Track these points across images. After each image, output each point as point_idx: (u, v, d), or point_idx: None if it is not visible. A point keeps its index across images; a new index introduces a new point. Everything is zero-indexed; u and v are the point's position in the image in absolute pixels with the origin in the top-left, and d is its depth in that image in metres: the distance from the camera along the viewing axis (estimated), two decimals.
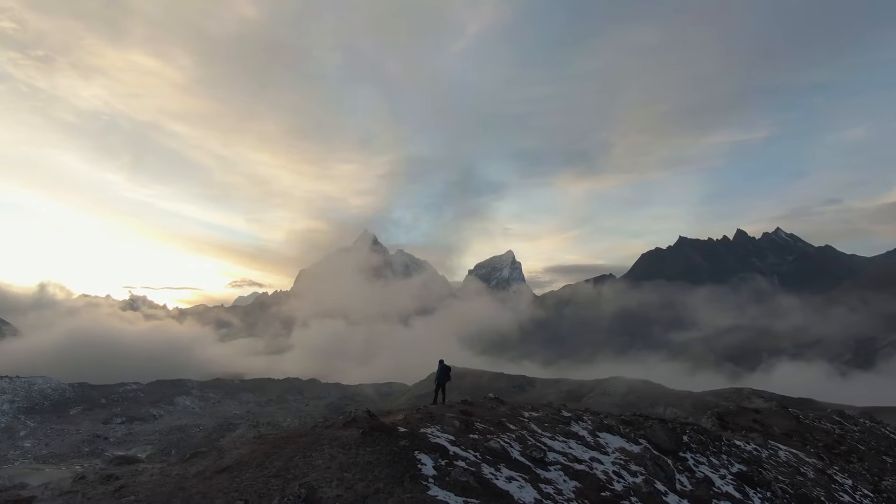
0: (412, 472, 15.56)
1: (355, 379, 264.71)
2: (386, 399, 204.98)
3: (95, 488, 14.93)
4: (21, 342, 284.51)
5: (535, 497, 16.51)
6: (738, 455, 29.71)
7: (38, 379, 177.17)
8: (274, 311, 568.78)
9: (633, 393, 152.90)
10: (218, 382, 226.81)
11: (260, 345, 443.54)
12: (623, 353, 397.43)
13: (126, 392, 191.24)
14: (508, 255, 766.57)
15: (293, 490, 13.48)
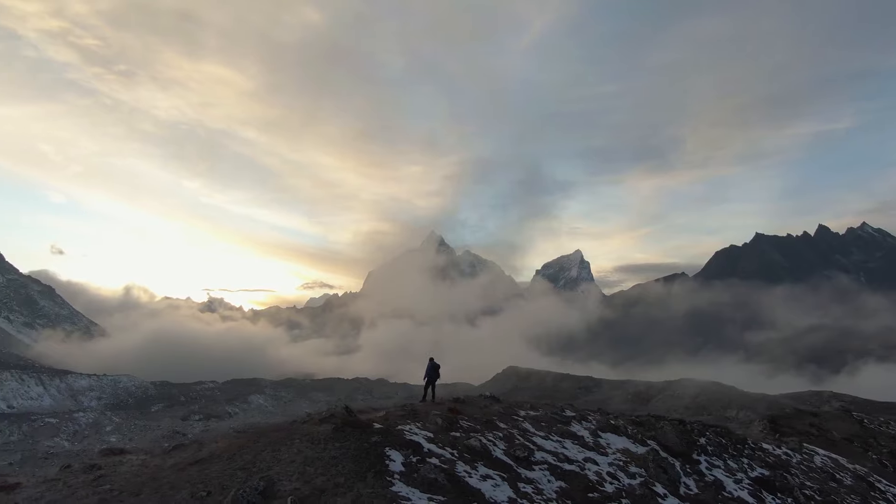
0: (378, 467, 15.62)
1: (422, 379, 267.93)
2: None
3: (77, 477, 15.83)
4: (108, 342, 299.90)
5: (510, 496, 16.35)
6: (762, 459, 28.71)
7: (123, 377, 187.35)
8: (343, 312, 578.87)
9: (703, 395, 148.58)
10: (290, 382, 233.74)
11: (329, 345, 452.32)
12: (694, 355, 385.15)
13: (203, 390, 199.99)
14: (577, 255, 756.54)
15: (253, 482, 14.02)
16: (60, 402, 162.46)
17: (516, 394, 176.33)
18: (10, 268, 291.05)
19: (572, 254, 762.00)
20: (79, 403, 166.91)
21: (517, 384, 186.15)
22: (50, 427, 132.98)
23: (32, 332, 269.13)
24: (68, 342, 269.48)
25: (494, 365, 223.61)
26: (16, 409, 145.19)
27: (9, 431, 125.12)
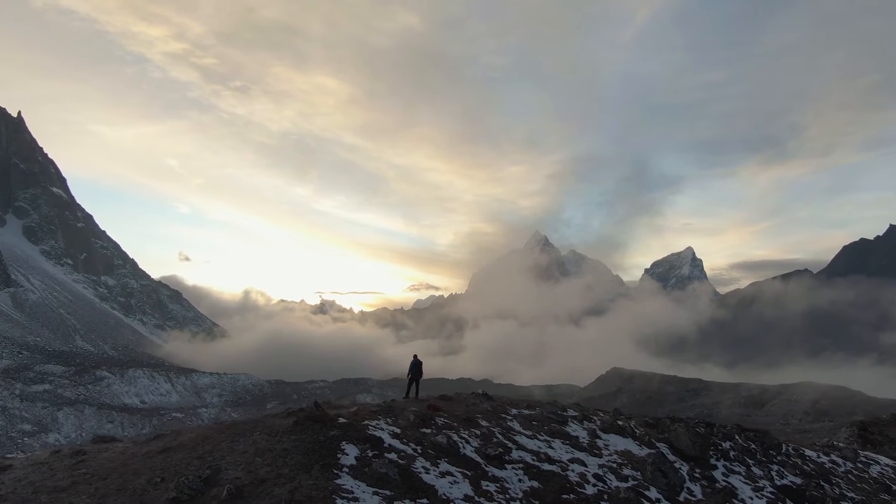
0: (328, 460, 15.84)
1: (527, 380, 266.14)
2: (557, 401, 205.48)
3: (62, 461, 17.07)
4: (229, 342, 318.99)
5: (467, 494, 16.22)
6: (798, 467, 26.96)
7: (242, 376, 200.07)
8: (448, 313, 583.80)
9: (824, 400, 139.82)
10: (396, 382, 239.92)
11: (435, 346, 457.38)
12: (814, 357, 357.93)
13: (315, 388, 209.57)
14: (688, 252, 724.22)
15: (200, 470, 14.64)
16: (186, 398, 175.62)
17: (620, 396, 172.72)
18: (143, 274, 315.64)
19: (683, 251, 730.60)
20: (202, 400, 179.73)
21: (621, 386, 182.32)
22: (176, 422, 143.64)
23: (163, 332, 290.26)
24: (193, 342, 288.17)
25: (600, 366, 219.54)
26: (147, 404, 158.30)
27: (141, 425, 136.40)
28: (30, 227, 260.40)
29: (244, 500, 13.65)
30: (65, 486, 15.00)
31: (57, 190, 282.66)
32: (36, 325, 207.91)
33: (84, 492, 14.58)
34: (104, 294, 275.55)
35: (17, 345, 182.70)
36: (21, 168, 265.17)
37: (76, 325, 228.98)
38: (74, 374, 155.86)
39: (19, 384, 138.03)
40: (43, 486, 15.03)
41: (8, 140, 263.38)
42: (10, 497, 14.48)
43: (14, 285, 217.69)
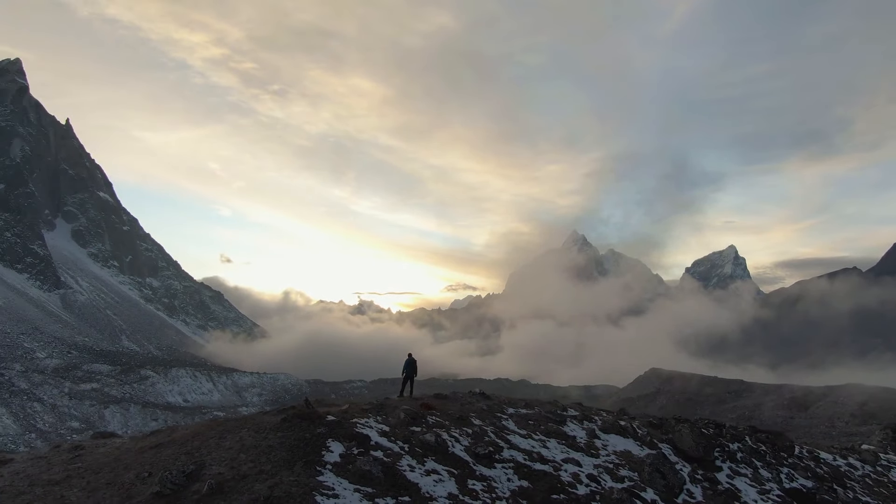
0: (311, 457, 15.96)
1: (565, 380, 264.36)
2: (593, 401, 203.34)
3: (61, 456, 17.56)
4: (268, 343, 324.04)
5: (452, 492, 16.17)
6: (811, 469, 26.18)
7: (281, 375, 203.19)
8: (485, 314, 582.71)
9: (872, 402, 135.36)
10: (433, 382, 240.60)
11: (472, 346, 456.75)
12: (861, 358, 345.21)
13: (352, 388, 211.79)
14: (730, 251, 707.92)
15: (185, 466, 14.83)
16: (227, 397, 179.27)
17: (658, 397, 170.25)
18: (186, 276, 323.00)
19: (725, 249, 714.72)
20: (242, 399, 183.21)
21: (659, 387, 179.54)
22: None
23: (205, 333, 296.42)
24: (235, 343, 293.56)
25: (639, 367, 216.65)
26: (190, 402, 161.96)
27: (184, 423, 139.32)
28: (78, 230, 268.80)
29: (224, 496, 13.86)
30: (59, 479, 15.49)
31: (103, 194, 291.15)
32: (84, 326, 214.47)
33: (76, 485, 15.03)
34: (149, 295, 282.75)
35: (67, 345, 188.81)
36: (70, 174, 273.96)
37: (122, 325, 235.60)
38: (120, 374, 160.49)
39: (68, 383, 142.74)
40: (38, 479, 15.55)
41: (57, 147, 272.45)
42: (7, 489, 14.96)
43: (64, 287, 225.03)
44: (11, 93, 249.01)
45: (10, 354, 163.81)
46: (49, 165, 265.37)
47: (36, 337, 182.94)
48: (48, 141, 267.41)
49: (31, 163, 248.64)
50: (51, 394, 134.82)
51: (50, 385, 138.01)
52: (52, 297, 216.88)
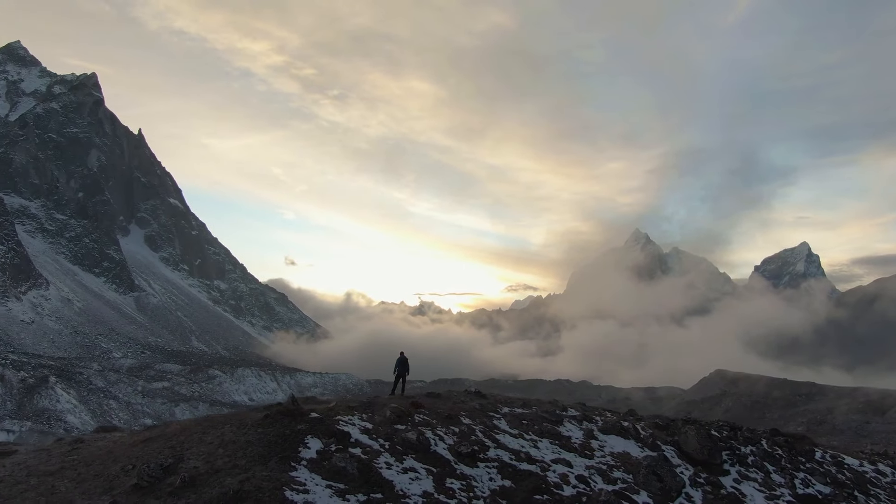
0: (288, 453, 16.10)
1: (627, 382, 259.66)
2: (656, 404, 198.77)
3: (61, 448, 18.36)
4: (330, 343, 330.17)
5: (427, 491, 16.07)
6: (830, 475, 24.88)
7: (342, 375, 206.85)
8: (546, 314, 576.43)
9: None
10: (493, 382, 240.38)
11: (533, 347, 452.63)
12: None
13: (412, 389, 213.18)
14: (803, 248, 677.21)
15: (163, 459, 15.38)
16: None
17: (723, 400, 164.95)
18: (252, 278, 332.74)
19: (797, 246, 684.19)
20: None
21: (724, 389, 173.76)
22: None
23: (270, 334, 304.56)
24: (298, 343, 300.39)
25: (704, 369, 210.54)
26: (255, 402, 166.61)
27: None
28: (150, 235, 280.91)
29: (195, 489, 14.25)
30: (54, 470, 16.29)
31: (174, 201, 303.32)
32: (156, 327, 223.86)
33: (68, 476, 15.79)
34: (217, 297, 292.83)
35: (141, 345, 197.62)
36: (142, 181, 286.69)
37: (192, 326, 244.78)
38: (190, 373, 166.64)
39: (141, 381, 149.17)
40: (36, 470, 16.40)
41: (130, 156, 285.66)
42: (6, 479, 15.84)
43: (138, 290, 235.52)
44: (88, 106, 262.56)
45: (88, 354, 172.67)
46: (123, 174, 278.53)
47: (112, 337, 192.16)
48: (122, 151, 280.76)
49: (106, 172, 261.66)
50: (125, 392, 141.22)
51: (125, 383, 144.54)
52: (127, 300, 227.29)
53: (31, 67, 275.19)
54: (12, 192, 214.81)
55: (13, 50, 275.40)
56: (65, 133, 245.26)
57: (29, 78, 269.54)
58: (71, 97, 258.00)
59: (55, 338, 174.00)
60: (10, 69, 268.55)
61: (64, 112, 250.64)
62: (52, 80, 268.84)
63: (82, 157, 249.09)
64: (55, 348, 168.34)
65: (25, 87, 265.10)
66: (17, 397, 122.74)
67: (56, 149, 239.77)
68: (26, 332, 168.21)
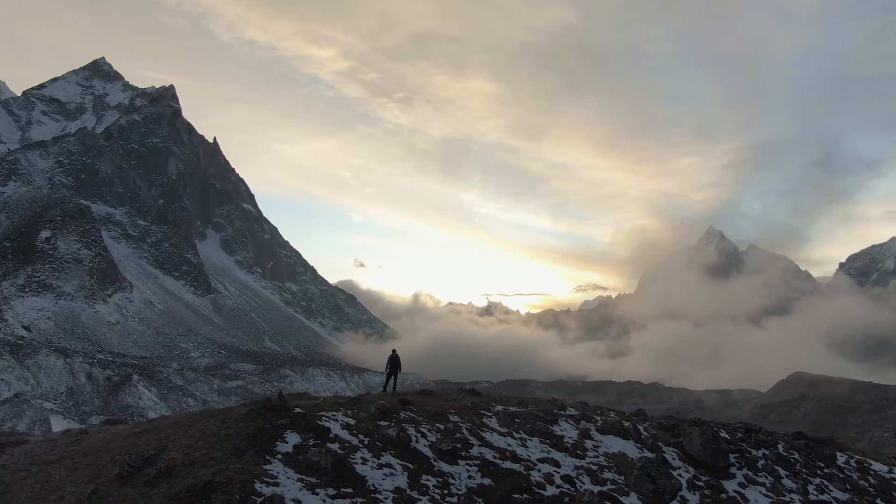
0: (264, 447, 16.39)
1: (701, 384, 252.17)
2: (730, 407, 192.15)
3: (66, 440, 19.24)
4: (399, 344, 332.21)
5: (399, 487, 16.05)
6: (851, 481, 23.39)
7: (409, 375, 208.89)
8: (616, 314, 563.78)
9: None
10: (560, 383, 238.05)
11: (602, 347, 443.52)
12: None
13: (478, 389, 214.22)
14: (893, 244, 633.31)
15: (146, 451, 16.05)
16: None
17: (803, 403, 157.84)
18: (322, 280, 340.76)
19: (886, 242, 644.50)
20: None
21: (804, 392, 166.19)
22: None
23: (339, 334, 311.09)
24: (367, 344, 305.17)
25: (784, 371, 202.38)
26: None
27: None
28: (226, 240, 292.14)
29: (169, 479, 14.83)
30: (54, 459, 17.23)
31: (247, 206, 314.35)
32: (232, 328, 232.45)
33: (65, 465, 16.71)
34: (288, 299, 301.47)
35: (217, 345, 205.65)
36: (217, 188, 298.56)
37: (265, 327, 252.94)
38: (262, 372, 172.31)
39: (217, 380, 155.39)
40: (38, 459, 17.43)
41: (206, 164, 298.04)
42: (11, 466, 16.95)
43: (214, 292, 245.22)
44: (167, 117, 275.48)
45: (168, 353, 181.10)
46: (200, 181, 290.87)
47: (190, 338, 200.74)
48: (199, 159, 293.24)
49: (184, 179, 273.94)
50: (202, 390, 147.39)
51: (201, 382, 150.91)
52: (205, 302, 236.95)
53: (114, 82, 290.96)
54: (99, 200, 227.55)
55: (99, 66, 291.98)
56: (146, 143, 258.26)
57: (113, 92, 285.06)
58: (151, 109, 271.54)
59: (138, 338, 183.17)
60: (95, 84, 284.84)
61: (145, 123, 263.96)
62: (133, 93, 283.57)
63: (162, 166, 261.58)
64: (138, 348, 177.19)
65: (110, 101, 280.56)
66: (103, 394, 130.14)
67: (138, 158, 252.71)
68: (112, 332, 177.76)
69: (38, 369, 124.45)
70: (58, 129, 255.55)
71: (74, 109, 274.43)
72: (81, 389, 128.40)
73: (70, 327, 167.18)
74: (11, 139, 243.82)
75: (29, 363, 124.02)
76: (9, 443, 19.38)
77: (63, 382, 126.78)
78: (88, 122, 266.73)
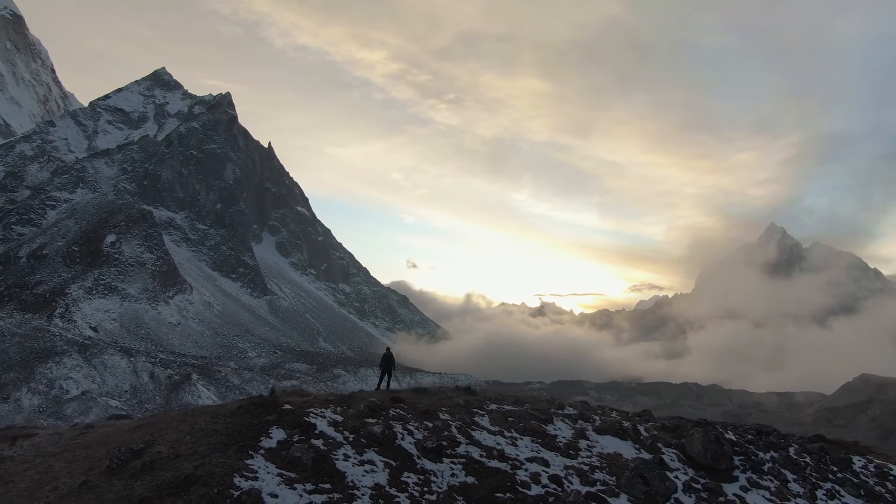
0: (248, 442, 16.66)
1: (762, 386, 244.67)
2: (793, 410, 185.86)
3: (72, 433, 19.91)
4: (450, 344, 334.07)
5: (378, 483, 16.12)
6: (866, 487, 22.30)
7: (461, 376, 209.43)
8: (673, 314, 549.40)
9: None
10: (614, 385, 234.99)
11: (658, 348, 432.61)
12: None
13: (531, 390, 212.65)
14: None
15: (136, 444, 16.55)
16: None
17: (870, 407, 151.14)
18: (374, 281, 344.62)
19: None
20: None
21: (871, 396, 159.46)
22: None
23: (392, 335, 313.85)
24: (419, 344, 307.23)
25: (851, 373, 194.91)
26: None
27: None
28: (281, 242, 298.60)
29: (153, 472, 15.30)
30: (57, 452, 18.02)
31: (301, 209, 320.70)
32: (287, 328, 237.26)
33: (66, 457, 17.45)
34: (342, 300, 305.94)
35: (273, 345, 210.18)
36: (272, 192, 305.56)
37: (319, 328, 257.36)
38: (316, 372, 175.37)
39: (272, 380, 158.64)
40: (43, 451, 18.24)
41: (261, 168, 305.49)
42: (17, 458, 17.84)
43: (270, 294, 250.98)
44: (224, 123, 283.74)
45: (226, 353, 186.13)
46: (255, 185, 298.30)
47: (247, 338, 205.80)
48: (254, 164, 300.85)
49: (241, 184, 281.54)
50: (258, 389, 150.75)
51: (258, 381, 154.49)
52: (261, 303, 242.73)
53: (174, 91, 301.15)
54: (160, 205, 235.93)
55: (160, 76, 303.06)
56: (204, 149, 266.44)
57: (173, 101, 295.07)
58: (209, 116, 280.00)
59: (198, 338, 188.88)
60: (157, 94, 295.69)
61: (203, 130, 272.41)
62: (192, 101, 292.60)
63: (219, 171, 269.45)
64: (198, 348, 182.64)
65: (170, 109, 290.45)
66: (164, 393, 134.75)
67: (197, 164, 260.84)
68: (173, 333, 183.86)
69: (104, 368, 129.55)
70: (122, 138, 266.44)
71: (137, 118, 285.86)
72: (144, 388, 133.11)
73: (134, 328, 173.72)
74: (79, 148, 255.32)
75: (95, 362, 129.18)
76: (20, 435, 20.38)
77: (127, 381, 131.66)
78: (150, 130, 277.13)
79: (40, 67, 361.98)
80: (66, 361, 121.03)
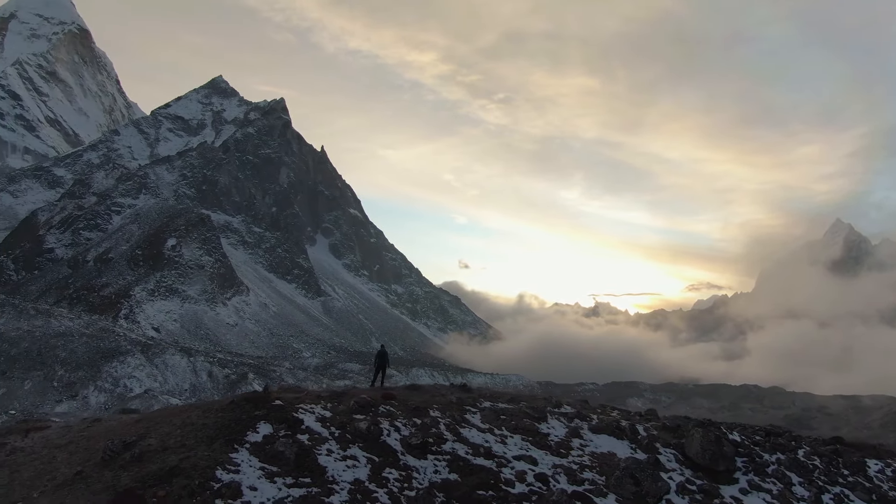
0: (234, 436, 16.97)
1: (828, 388, 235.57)
2: (860, 414, 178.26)
3: (80, 426, 20.54)
4: (502, 345, 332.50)
5: (358, 478, 16.21)
6: (879, 492, 21.17)
7: (513, 376, 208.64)
8: (732, 314, 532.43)
9: None
10: (670, 386, 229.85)
11: (716, 349, 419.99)
12: None
13: (584, 391, 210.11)
14: None
15: (129, 437, 17.00)
16: None
17: None
18: (426, 282, 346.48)
19: None
20: None
21: None
22: None
23: (444, 335, 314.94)
24: (471, 345, 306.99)
25: None
26: None
27: None
28: (334, 244, 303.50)
29: (140, 463, 15.86)
30: (63, 444, 18.66)
31: (353, 211, 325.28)
32: (340, 329, 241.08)
33: (69, 449, 18.06)
34: (394, 301, 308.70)
35: (326, 346, 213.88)
36: (326, 194, 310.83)
37: (372, 328, 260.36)
38: (369, 372, 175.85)
39: (326, 379, 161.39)
40: (51, 443, 18.91)
41: (315, 171, 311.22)
42: (27, 449, 18.55)
43: (324, 295, 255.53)
44: (278, 128, 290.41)
45: (281, 353, 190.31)
46: (309, 188, 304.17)
47: (302, 339, 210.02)
48: (308, 167, 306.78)
49: (295, 187, 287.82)
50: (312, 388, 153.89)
51: (311, 381, 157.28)
52: (315, 304, 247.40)
53: (230, 98, 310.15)
54: (218, 209, 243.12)
55: (217, 84, 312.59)
56: (259, 154, 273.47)
57: (229, 107, 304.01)
58: (264, 122, 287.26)
59: (254, 339, 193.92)
60: (214, 101, 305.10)
61: (258, 135, 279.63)
62: (248, 107, 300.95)
63: (274, 176, 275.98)
64: (254, 348, 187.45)
65: (227, 116, 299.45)
66: (222, 391, 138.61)
67: (252, 169, 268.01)
68: (231, 333, 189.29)
69: (165, 367, 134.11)
70: (181, 145, 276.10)
71: (196, 125, 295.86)
72: (203, 386, 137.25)
73: (194, 328, 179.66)
74: (142, 156, 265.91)
75: (157, 362, 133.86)
76: (33, 428, 21.22)
77: (187, 380, 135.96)
78: (208, 136, 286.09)
79: (106, 79, 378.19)
80: (129, 361, 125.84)
